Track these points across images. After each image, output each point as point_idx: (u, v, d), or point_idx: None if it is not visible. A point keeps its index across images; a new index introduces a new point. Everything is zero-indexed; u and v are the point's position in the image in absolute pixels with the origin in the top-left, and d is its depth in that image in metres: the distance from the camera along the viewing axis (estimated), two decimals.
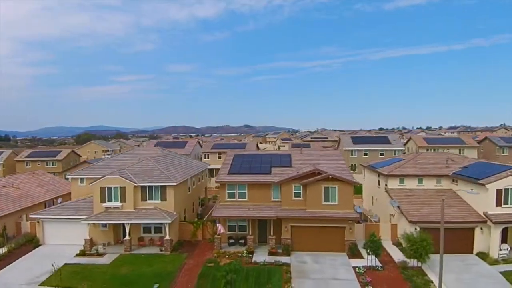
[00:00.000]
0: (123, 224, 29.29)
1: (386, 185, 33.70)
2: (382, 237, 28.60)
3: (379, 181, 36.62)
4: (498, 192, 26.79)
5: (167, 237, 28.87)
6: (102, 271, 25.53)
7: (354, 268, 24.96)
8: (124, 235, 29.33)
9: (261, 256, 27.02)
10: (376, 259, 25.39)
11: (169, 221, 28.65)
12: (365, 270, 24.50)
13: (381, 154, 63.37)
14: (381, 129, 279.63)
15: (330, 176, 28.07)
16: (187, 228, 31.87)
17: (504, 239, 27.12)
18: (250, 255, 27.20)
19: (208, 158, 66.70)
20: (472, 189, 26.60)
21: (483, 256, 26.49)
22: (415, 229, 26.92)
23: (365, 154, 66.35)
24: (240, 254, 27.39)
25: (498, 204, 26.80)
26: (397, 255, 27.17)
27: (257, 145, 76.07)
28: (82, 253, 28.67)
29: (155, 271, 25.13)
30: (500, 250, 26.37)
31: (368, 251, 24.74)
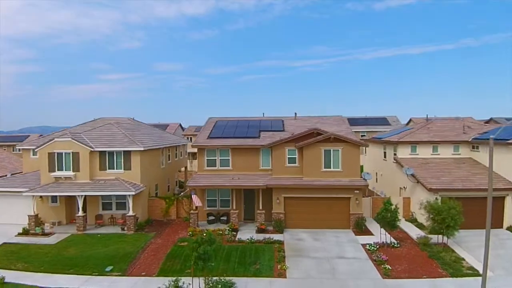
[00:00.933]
0: (76, 198, 23.93)
1: (395, 154, 29.21)
2: None
3: (385, 152, 32.12)
4: None
5: (130, 212, 23.67)
6: (44, 252, 20.29)
7: (364, 245, 20.31)
8: (78, 212, 23.97)
9: (247, 233, 22.13)
10: (389, 235, 20.77)
11: (133, 193, 23.45)
12: (377, 247, 19.86)
13: None
14: None
15: (332, 137, 23.33)
16: (158, 205, 26.73)
17: None
18: (234, 233, 22.27)
19: (191, 141, 61.35)
20: None
21: None
22: (436, 198, 22.39)
23: (363, 136, 62.08)
24: (221, 232, 22.44)
25: None
26: (414, 231, 22.67)
27: None
28: (25, 232, 23.28)
29: (110, 252, 19.96)
30: None
31: (382, 224, 20.10)
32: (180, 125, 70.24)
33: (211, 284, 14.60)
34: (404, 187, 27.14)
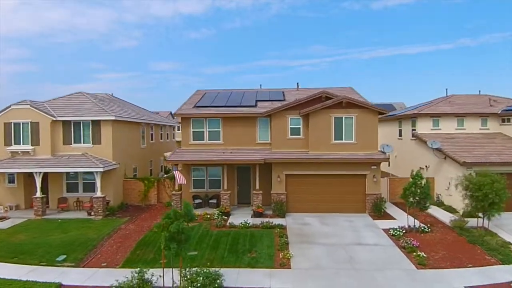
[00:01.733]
0: (34, 176, 20.00)
1: (413, 130, 25.52)
2: None
3: (400, 130, 28.44)
4: None
5: (98, 193, 19.80)
6: None
7: (386, 230, 16.59)
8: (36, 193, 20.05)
9: (240, 218, 18.32)
10: (414, 220, 17.04)
11: (101, 169, 19.59)
12: (404, 232, 16.13)
13: None
14: None
15: (345, 101, 19.57)
16: (135, 188, 22.86)
17: None
18: (225, 217, 18.47)
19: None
20: None
21: None
22: (470, 174, 18.69)
23: None
24: (209, 216, 18.63)
25: None
26: (442, 215, 19.00)
27: None
28: None
29: (68, 239, 16.10)
30: None
31: (409, 203, 16.35)
32: (171, 113, 66.19)
33: (188, 276, 10.80)
34: (426, 166, 23.42)
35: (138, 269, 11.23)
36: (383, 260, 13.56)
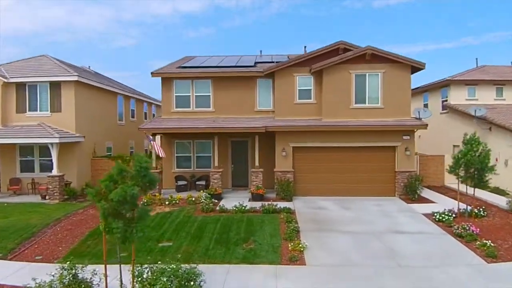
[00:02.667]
0: None
1: (445, 100, 21.54)
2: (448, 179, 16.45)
3: (426, 105, 24.41)
4: None
5: (54, 172, 15.82)
6: None
7: (428, 216, 12.59)
8: None
9: (235, 201, 14.24)
10: (458, 202, 13.03)
11: (56, 140, 15.60)
12: (454, 216, 12.14)
13: None
14: None
15: (369, 53, 15.54)
16: (106, 168, 18.80)
17: None
18: (215, 200, 14.47)
19: None
20: None
21: None
22: None
23: None
24: (193, 199, 14.63)
25: None
26: (492, 198, 15.01)
27: None
28: None
29: (2, 224, 12.10)
30: None
31: (463, 177, 12.28)
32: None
33: (145, 276, 6.82)
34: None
35: (68, 263, 7.26)
36: (437, 253, 9.59)
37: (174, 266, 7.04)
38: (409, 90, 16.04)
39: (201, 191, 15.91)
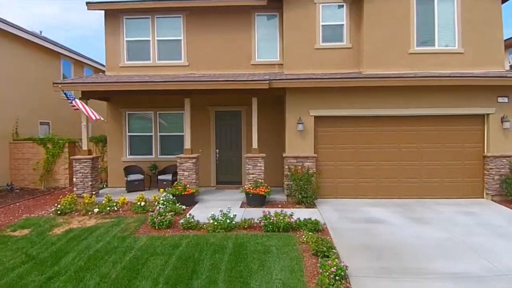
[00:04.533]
0: None
1: None
2: None
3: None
4: None
5: None
6: None
7: None
8: None
9: (216, 206, 8.15)
10: None
11: None
12: None
13: None
14: None
15: None
16: (30, 157, 12.90)
17: None
18: (182, 206, 8.55)
19: None
20: None
21: None
22: None
23: None
24: (145, 204, 8.70)
25: None
26: None
27: None
28: None
29: None
30: None
31: None
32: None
33: None
34: None
35: None
36: None
37: None
38: (501, 23, 10.07)
39: (166, 189, 9.89)
